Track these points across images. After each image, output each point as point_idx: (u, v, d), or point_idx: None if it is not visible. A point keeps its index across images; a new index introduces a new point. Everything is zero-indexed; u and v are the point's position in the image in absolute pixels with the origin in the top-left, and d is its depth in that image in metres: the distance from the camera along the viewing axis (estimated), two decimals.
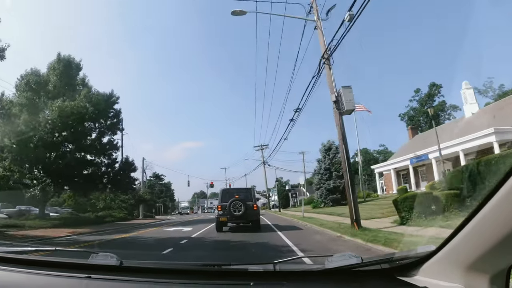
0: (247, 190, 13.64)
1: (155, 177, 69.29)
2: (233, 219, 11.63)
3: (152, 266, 1.57)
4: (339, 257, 1.33)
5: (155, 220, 32.63)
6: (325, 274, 1.30)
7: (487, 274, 0.95)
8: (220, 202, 12.13)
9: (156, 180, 68.79)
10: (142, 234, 14.30)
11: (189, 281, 1.34)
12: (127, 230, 16.53)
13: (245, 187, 17.79)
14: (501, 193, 0.79)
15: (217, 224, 12.08)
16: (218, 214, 12.01)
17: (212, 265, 1.48)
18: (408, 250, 1.33)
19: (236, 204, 11.50)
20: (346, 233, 9.17)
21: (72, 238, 12.75)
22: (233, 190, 14.02)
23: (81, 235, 13.85)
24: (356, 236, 8.35)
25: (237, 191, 12.84)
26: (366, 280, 1.29)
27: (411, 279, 1.20)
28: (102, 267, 1.45)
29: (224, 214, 11.66)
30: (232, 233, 11.62)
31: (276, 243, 8.57)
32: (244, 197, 12.02)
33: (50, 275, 1.40)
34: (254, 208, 11.96)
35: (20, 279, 1.38)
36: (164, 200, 66.68)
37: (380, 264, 1.31)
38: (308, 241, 8.99)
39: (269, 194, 48.07)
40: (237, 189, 14.15)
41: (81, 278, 1.33)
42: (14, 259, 1.58)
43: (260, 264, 1.45)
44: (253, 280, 1.30)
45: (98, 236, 13.31)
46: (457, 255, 1.02)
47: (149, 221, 29.79)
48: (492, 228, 0.86)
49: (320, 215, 19.22)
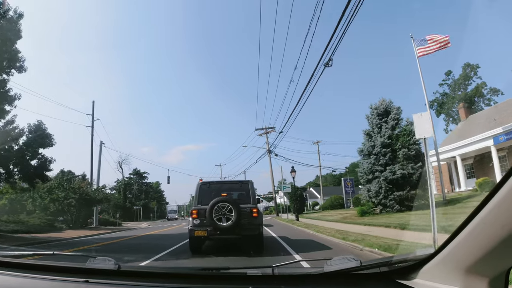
0: (241, 185, 8.42)
1: (136, 175, 57.03)
2: (217, 232, 7.23)
3: (150, 270, 1.72)
4: (338, 261, 1.30)
5: (97, 232, 20.06)
6: (324, 277, 1.28)
7: (487, 277, 0.94)
8: (196, 204, 7.77)
9: (136, 178, 56.50)
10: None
11: (188, 286, 1.35)
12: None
13: (238, 180, 10.35)
14: (500, 196, 0.79)
15: (191, 240, 7.65)
16: (192, 224, 7.48)
17: (210, 269, 1.48)
18: (407, 253, 1.28)
19: (222, 207, 7.18)
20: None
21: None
22: (218, 185, 8.61)
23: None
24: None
25: (225, 187, 8.38)
26: (365, 284, 1.28)
27: (410, 282, 1.18)
28: (100, 271, 1.43)
29: (202, 224, 7.35)
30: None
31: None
32: (237, 196, 8.00)
33: (48, 279, 1.38)
34: (254, 215, 7.47)
35: (18, 284, 1.37)
36: (145, 202, 54.09)
37: (379, 267, 1.28)
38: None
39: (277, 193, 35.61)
40: (225, 183, 9.60)
41: (79, 282, 1.32)
42: (12, 263, 1.57)
43: (259, 268, 1.42)
44: (251, 284, 1.27)
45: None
46: (456, 258, 1.01)
47: (74, 234, 17.00)
48: (491, 231, 0.84)
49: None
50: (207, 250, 8.02)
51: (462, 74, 50.64)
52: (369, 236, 9.06)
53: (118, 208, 48.39)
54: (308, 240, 10.38)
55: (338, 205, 34.85)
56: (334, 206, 34.87)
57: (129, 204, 50.49)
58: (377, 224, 12.25)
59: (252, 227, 7.42)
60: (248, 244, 7.67)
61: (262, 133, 34.21)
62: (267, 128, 33.93)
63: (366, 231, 10.68)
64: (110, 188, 50.14)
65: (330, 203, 35.84)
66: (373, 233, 9.92)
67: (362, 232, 10.58)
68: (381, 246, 6.97)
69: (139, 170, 57.23)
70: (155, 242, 12.50)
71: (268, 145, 33.86)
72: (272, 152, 33.22)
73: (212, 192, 7.90)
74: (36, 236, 15.07)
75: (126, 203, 50.41)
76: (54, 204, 24.58)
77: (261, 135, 34.39)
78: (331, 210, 33.15)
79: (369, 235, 9.31)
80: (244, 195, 8.04)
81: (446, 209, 13.85)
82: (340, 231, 10.81)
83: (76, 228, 23.27)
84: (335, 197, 36.29)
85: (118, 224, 31.89)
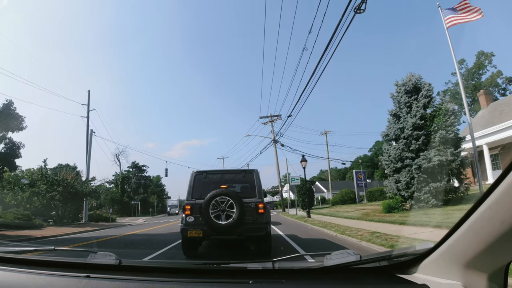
0: (245, 175, 7.00)
1: (135, 168, 54.54)
2: (216, 232, 6.06)
3: (151, 265, 1.71)
4: (338, 255, 1.30)
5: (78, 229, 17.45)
6: (324, 271, 1.28)
7: (486, 271, 0.94)
8: (190, 198, 6.52)
9: (135, 171, 54.01)
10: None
11: (188, 280, 1.33)
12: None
13: (241, 169, 8.14)
14: (499, 191, 0.79)
15: (183, 241, 6.46)
16: (185, 222, 6.30)
17: (211, 264, 1.50)
18: (407, 248, 1.30)
19: (221, 202, 6.03)
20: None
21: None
22: (216, 175, 7.29)
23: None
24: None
25: (225, 177, 7.04)
26: (364, 278, 1.28)
27: (409, 276, 1.18)
28: (101, 266, 1.44)
29: (197, 223, 6.17)
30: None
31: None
32: (239, 189, 6.78)
33: (50, 275, 1.37)
34: (260, 211, 6.25)
35: (19, 279, 1.35)
36: (144, 196, 51.59)
37: (379, 262, 1.28)
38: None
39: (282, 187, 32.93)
40: (225, 173, 7.60)
41: (80, 277, 1.30)
42: (14, 259, 1.58)
43: (259, 262, 1.47)
44: (252, 278, 1.25)
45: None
46: (455, 253, 1.01)
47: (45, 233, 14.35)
48: (490, 226, 0.84)
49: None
50: (206, 244, 7.44)
51: (476, 62, 48.01)
52: (429, 241, 6.33)
53: (116, 203, 46.05)
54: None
55: (349, 200, 32.16)
56: (345, 200, 32.17)
57: (127, 198, 48.07)
58: (420, 223, 9.50)
59: (258, 226, 6.24)
60: (253, 245, 6.71)
61: (267, 121, 31.39)
62: (272, 116, 31.13)
63: (411, 233, 7.94)
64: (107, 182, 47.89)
65: (340, 197, 33.10)
66: (422, 236, 7.20)
67: (407, 235, 7.87)
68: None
69: (138, 163, 54.72)
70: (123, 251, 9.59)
71: (273, 134, 31.10)
72: (277, 142, 30.48)
73: (210, 184, 6.74)
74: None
75: (124, 198, 48.03)
76: (38, 198, 22.15)
77: (265, 123, 31.61)
78: (342, 205, 30.42)
79: (428, 240, 6.58)
80: (248, 187, 6.80)
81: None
82: (378, 235, 8.06)
83: (60, 225, 20.84)
84: (346, 191, 33.52)
85: (111, 220, 29.48)
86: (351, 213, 17.22)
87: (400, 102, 15.03)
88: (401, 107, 14.88)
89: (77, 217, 27.07)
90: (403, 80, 15.39)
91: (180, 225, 6.56)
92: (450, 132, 13.36)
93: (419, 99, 14.37)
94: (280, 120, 31.38)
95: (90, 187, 25.04)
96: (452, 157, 13.02)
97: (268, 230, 6.48)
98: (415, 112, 14.10)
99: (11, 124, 14.15)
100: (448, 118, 13.46)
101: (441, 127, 13.38)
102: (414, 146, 13.69)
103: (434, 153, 13.03)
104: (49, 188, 21.17)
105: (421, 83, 14.95)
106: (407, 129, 14.00)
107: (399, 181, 14.08)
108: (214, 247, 7.46)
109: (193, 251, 6.60)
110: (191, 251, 6.54)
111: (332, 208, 26.71)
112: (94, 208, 36.58)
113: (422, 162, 13.00)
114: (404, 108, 14.70)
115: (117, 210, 43.40)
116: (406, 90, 14.91)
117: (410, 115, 14.15)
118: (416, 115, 13.90)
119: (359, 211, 18.01)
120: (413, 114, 14.07)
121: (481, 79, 48.92)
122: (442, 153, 12.97)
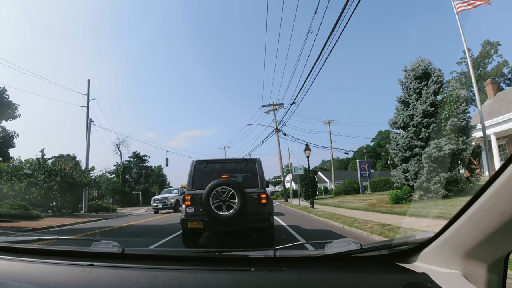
0: (247, 164, 6.77)
1: (136, 158, 54.19)
2: (217, 224, 5.91)
3: (153, 253, 1.74)
4: (338, 243, 1.31)
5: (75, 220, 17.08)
6: (324, 260, 1.29)
7: (485, 261, 0.94)
8: (190, 188, 6.36)
9: (136, 161, 53.68)
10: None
11: (191, 268, 1.33)
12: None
13: (242, 158, 8.27)
14: (500, 181, 0.78)
15: (183, 233, 6.40)
16: (185, 213, 6.14)
17: (213, 252, 1.53)
18: (407, 236, 1.28)
19: (222, 192, 5.85)
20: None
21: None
22: (217, 164, 7.04)
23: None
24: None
25: (226, 167, 6.78)
26: (365, 266, 1.27)
27: (409, 265, 1.18)
28: (104, 255, 1.44)
29: (197, 214, 6.03)
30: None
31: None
32: (241, 178, 6.80)
33: (54, 264, 1.39)
34: (262, 201, 6.05)
35: (24, 268, 1.37)
36: (146, 186, 51.34)
37: (379, 250, 1.28)
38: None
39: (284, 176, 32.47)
40: (227, 162, 7.23)
41: (84, 266, 1.31)
42: (18, 248, 1.59)
43: (261, 250, 1.42)
44: (253, 266, 1.27)
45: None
46: (455, 242, 1.00)
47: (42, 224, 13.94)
48: (490, 216, 0.84)
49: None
50: (207, 234, 7.41)
51: (481, 51, 46.89)
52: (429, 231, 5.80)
53: (117, 193, 45.84)
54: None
55: (352, 190, 31.72)
56: (348, 191, 31.73)
57: (128, 188, 47.85)
58: (432, 215, 8.97)
59: (260, 217, 6.06)
60: (255, 237, 6.49)
61: (269, 110, 30.73)
62: (275, 105, 30.42)
63: (425, 226, 7.42)
64: (108, 172, 47.62)
65: (343, 188, 32.64)
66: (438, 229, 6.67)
67: (421, 227, 7.34)
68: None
69: (139, 153, 54.34)
70: (125, 240, 9.56)
71: (275, 123, 30.47)
72: (280, 131, 29.85)
73: (211, 174, 6.55)
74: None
75: (125, 188, 47.81)
76: (36, 188, 21.77)
77: (268, 112, 30.94)
78: (346, 195, 29.97)
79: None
80: (250, 177, 6.59)
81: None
82: (389, 227, 7.54)
83: (59, 216, 20.51)
84: (349, 181, 33.04)
85: (112, 210, 29.20)
86: (356, 203, 16.74)
87: (409, 88, 14.33)
88: (410, 93, 14.18)
89: (77, 207, 26.81)
90: (412, 65, 14.65)
91: (181, 216, 6.46)
92: (462, 120, 12.71)
93: (429, 85, 13.65)
94: (282, 109, 30.75)
95: (89, 177, 24.58)
96: (464, 145, 12.41)
97: (271, 221, 6.36)
98: (425, 98, 13.41)
99: (3, 112, 13.59)
100: (460, 105, 12.79)
101: (452, 114, 12.73)
102: (424, 134, 13.07)
103: (445, 141, 12.41)
104: (47, 179, 20.74)
105: (431, 69, 14.21)
106: (416, 116, 13.33)
107: (408, 170, 13.50)
108: (215, 237, 7.35)
109: (193, 242, 6.51)
110: (191, 241, 6.47)
111: (336, 199, 26.22)
112: (95, 198, 36.39)
113: (433, 151, 12.39)
114: (414, 94, 14.00)
115: (118, 200, 43.16)
116: (416, 76, 14.18)
117: (420, 101, 13.47)
118: (426, 102, 13.22)
119: (364, 201, 17.52)
120: (423, 101, 13.38)
121: (486, 68, 47.89)
122: (453, 142, 12.35)
